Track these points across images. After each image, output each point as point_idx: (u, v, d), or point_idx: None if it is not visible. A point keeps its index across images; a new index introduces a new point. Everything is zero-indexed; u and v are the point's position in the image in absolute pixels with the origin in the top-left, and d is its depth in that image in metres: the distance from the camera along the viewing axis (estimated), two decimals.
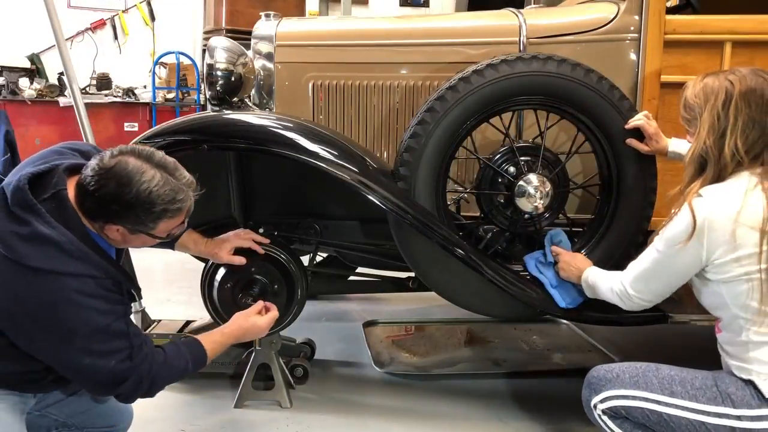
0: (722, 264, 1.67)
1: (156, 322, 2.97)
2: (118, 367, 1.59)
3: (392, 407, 2.64)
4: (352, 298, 4.07)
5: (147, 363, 1.66)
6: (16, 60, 6.75)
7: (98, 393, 1.72)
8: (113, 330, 1.59)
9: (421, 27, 2.83)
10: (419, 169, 2.32)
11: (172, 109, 6.85)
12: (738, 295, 1.67)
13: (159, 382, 1.70)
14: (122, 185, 1.57)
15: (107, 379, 1.61)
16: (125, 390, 1.63)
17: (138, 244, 1.74)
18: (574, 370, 2.80)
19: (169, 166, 1.64)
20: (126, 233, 1.65)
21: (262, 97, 2.79)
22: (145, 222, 1.62)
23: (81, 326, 1.54)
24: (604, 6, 2.63)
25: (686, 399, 1.69)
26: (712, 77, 1.79)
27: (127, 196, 1.57)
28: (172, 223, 1.68)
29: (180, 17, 7.62)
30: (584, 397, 1.84)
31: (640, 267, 1.86)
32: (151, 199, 1.58)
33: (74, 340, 1.54)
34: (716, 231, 1.65)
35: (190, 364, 1.77)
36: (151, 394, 1.70)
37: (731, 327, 1.72)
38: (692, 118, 1.82)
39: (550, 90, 2.30)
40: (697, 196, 1.70)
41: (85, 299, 1.54)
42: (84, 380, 1.65)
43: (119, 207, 1.58)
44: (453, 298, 2.48)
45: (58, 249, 1.53)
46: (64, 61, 3.05)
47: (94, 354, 1.56)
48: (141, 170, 1.58)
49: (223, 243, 2.32)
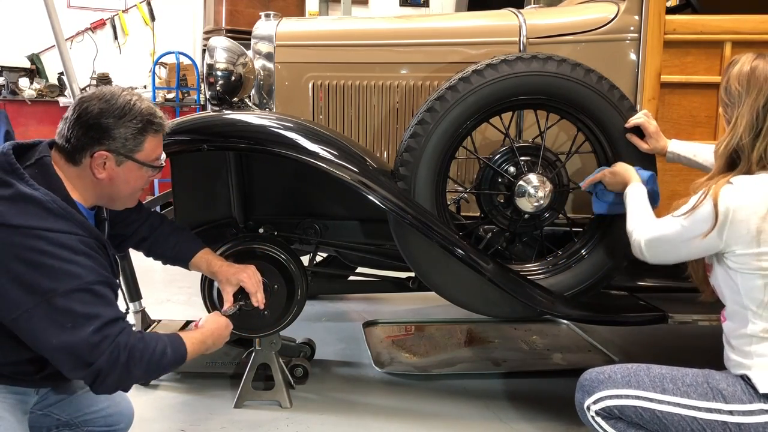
0: (741, 255, 1.67)
1: (156, 322, 2.98)
2: (94, 337, 1.54)
3: (392, 407, 2.64)
4: (352, 298, 4.08)
5: (125, 335, 1.60)
6: (16, 60, 6.73)
7: (76, 371, 1.59)
8: (95, 291, 1.57)
9: (421, 27, 2.83)
10: (419, 169, 2.32)
11: (172, 109, 6.83)
12: (752, 289, 1.67)
13: (136, 358, 1.60)
14: (106, 100, 1.66)
15: (84, 350, 1.54)
16: (103, 363, 1.55)
17: (124, 186, 1.73)
18: (574, 370, 2.79)
19: (141, 95, 1.75)
20: (113, 165, 1.68)
21: (262, 97, 2.79)
22: (131, 138, 1.67)
23: (63, 282, 1.52)
24: (604, 6, 2.63)
25: (678, 395, 1.69)
26: (763, 62, 1.72)
27: (113, 107, 1.66)
28: (155, 143, 1.74)
29: (180, 17, 7.61)
30: (577, 399, 1.85)
31: (660, 231, 1.83)
32: (134, 110, 1.68)
33: (56, 299, 1.51)
34: (739, 223, 1.64)
35: (169, 349, 1.68)
36: (129, 375, 1.61)
37: (737, 317, 1.72)
38: (730, 105, 1.76)
39: (550, 90, 2.30)
40: (728, 184, 1.68)
41: (69, 254, 1.54)
42: (63, 354, 1.56)
43: (105, 122, 1.64)
44: (453, 299, 2.48)
45: (41, 207, 1.55)
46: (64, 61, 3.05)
47: (75, 315, 1.52)
48: (119, 90, 1.71)
49: (233, 277, 2.16)
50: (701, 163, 2.19)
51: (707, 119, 2.55)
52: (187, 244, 2.15)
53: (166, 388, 2.74)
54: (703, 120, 2.55)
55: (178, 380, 2.80)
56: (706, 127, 2.55)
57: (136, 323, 2.93)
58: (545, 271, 2.48)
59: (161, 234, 2.12)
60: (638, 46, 2.53)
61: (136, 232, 2.09)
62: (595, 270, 2.44)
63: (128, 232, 2.08)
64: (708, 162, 2.16)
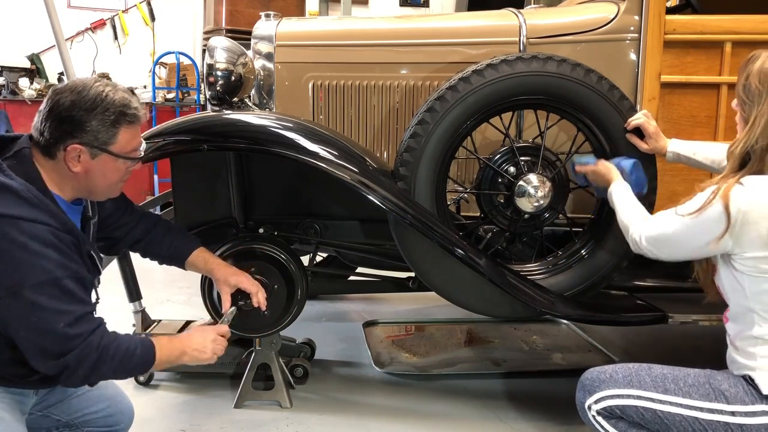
0: (749, 258, 1.65)
1: (156, 322, 2.98)
2: (66, 330, 1.53)
3: (392, 407, 2.64)
4: (352, 298, 4.08)
5: (97, 334, 1.59)
6: (16, 60, 6.74)
7: (46, 364, 1.59)
8: (64, 286, 1.55)
9: (421, 27, 2.83)
10: (419, 169, 2.32)
11: (172, 109, 6.84)
12: (759, 292, 1.66)
13: (107, 358, 1.60)
14: (78, 92, 1.63)
15: (54, 345, 1.54)
16: (72, 359, 1.56)
17: (101, 179, 1.70)
18: (574, 370, 2.79)
19: (117, 85, 1.70)
20: (87, 158, 1.65)
21: (262, 97, 2.79)
22: (105, 129, 1.64)
23: (31, 275, 1.51)
24: (604, 6, 2.63)
25: (680, 396, 1.69)
26: None
27: (84, 99, 1.62)
28: (130, 134, 1.69)
29: (180, 17, 7.61)
30: (578, 399, 1.84)
31: (662, 229, 1.80)
32: (107, 101, 1.64)
33: (23, 292, 1.50)
34: (750, 225, 1.62)
35: (138, 350, 1.67)
36: (96, 373, 1.61)
37: (743, 319, 1.71)
38: (749, 103, 1.72)
39: (550, 90, 2.30)
40: (738, 184, 1.64)
41: (38, 246, 1.52)
42: (32, 346, 1.56)
43: (77, 115, 1.61)
44: (453, 299, 2.48)
45: (15, 195, 1.54)
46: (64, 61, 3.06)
47: (41, 310, 1.52)
48: (93, 81, 1.67)
49: (231, 278, 2.16)
50: (701, 161, 2.18)
51: (707, 119, 2.55)
52: (182, 244, 2.13)
53: (166, 388, 2.74)
54: (703, 120, 2.55)
55: (178, 380, 2.80)
56: (706, 127, 2.55)
57: (136, 323, 2.93)
58: (545, 271, 2.48)
59: (156, 235, 2.10)
60: (638, 46, 2.53)
61: (129, 234, 2.07)
62: (595, 270, 2.44)
63: (121, 235, 2.06)
64: (708, 160, 2.16)
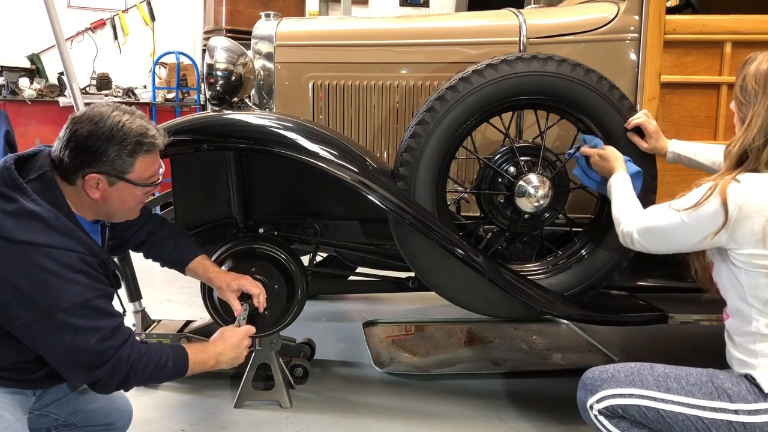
0: (746, 254, 1.66)
1: (156, 322, 2.97)
2: (98, 346, 1.60)
3: (392, 407, 2.64)
4: (352, 298, 4.08)
5: (128, 347, 1.65)
6: (16, 60, 6.73)
7: (77, 376, 1.69)
8: (94, 306, 1.61)
9: (421, 27, 2.83)
10: (419, 169, 2.32)
11: (172, 109, 6.84)
12: (757, 287, 1.67)
13: (138, 371, 1.67)
14: (95, 122, 1.66)
15: (87, 359, 1.60)
16: (104, 373, 1.62)
17: (119, 204, 1.74)
18: (574, 370, 2.80)
19: (135, 112, 1.73)
20: (105, 186, 1.68)
21: (262, 97, 2.79)
22: (121, 159, 1.67)
23: (63, 299, 1.56)
24: (604, 6, 2.63)
25: (682, 395, 1.69)
26: None
27: (101, 130, 1.65)
28: (147, 162, 1.72)
29: (180, 17, 7.61)
30: (579, 398, 1.84)
31: (655, 222, 1.80)
32: (124, 131, 1.66)
33: (56, 315, 1.55)
34: (745, 220, 1.63)
35: (170, 362, 1.74)
36: (127, 384, 1.69)
37: (741, 315, 1.71)
38: (746, 103, 1.73)
39: (550, 90, 2.30)
40: (734, 181, 1.65)
41: (69, 272, 1.57)
42: (64, 361, 1.63)
43: (95, 145, 1.64)
44: (453, 299, 2.48)
45: (43, 223, 1.58)
46: (64, 61, 3.06)
47: (75, 330, 1.57)
48: (110, 110, 1.69)
49: (233, 282, 2.18)
50: (702, 162, 2.18)
51: (707, 119, 2.55)
52: (184, 250, 2.17)
53: (166, 388, 2.74)
54: (703, 120, 2.55)
55: (178, 380, 2.80)
56: (706, 127, 2.55)
57: (136, 323, 2.93)
58: (545, 271, 2.48)
59: (159, 238, 2.13)
60: (638, 46, 2.53)
61: (134, 236, 2.11)
62: (595, 270, 2.44)
63: (126, 236, 2.10)
64: (709, 161, 2.16)
